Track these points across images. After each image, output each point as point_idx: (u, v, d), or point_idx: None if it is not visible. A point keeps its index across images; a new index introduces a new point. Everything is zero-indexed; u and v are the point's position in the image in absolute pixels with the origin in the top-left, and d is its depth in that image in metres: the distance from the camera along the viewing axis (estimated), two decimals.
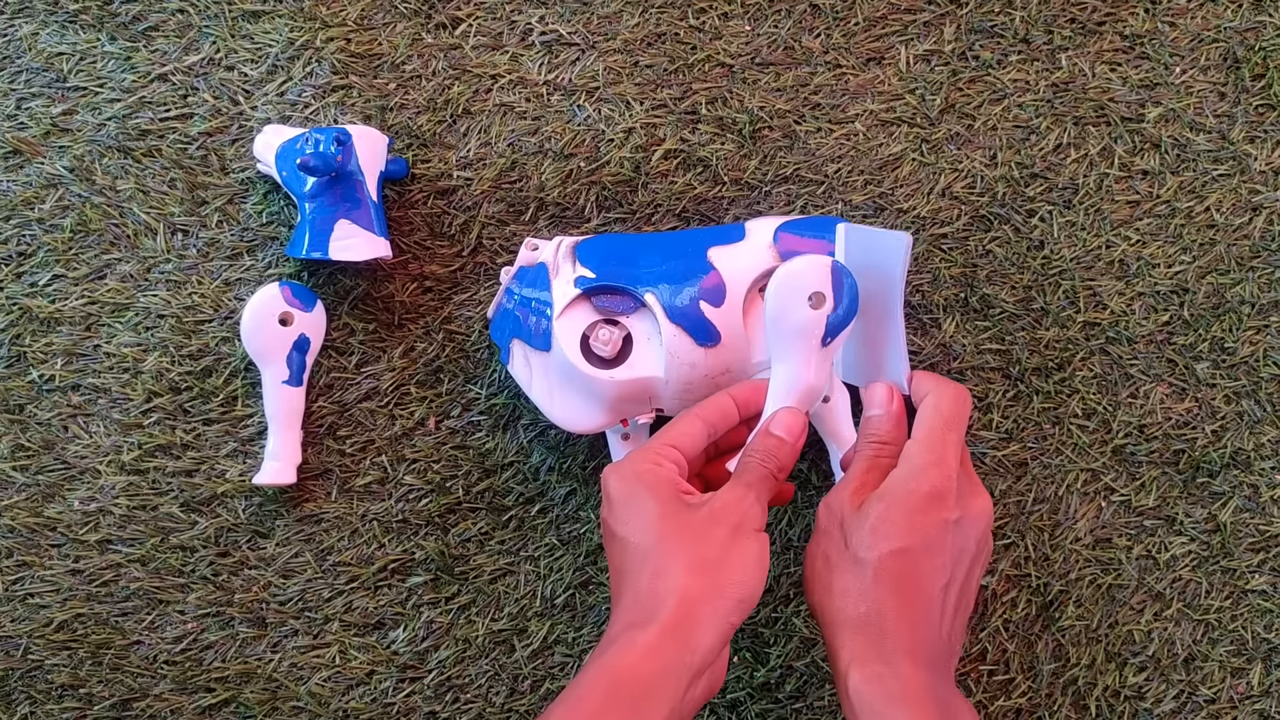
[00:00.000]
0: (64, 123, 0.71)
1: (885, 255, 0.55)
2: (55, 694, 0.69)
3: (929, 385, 0.56)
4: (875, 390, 0.57)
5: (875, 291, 0.56)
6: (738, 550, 0.51)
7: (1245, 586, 0.70)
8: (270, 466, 0.68)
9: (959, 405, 0.55)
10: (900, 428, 0.56)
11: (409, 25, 0.71)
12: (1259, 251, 0.71)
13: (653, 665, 0.48)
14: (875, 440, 0.56)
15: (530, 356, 0.64)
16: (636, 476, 0.54)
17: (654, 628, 0.49)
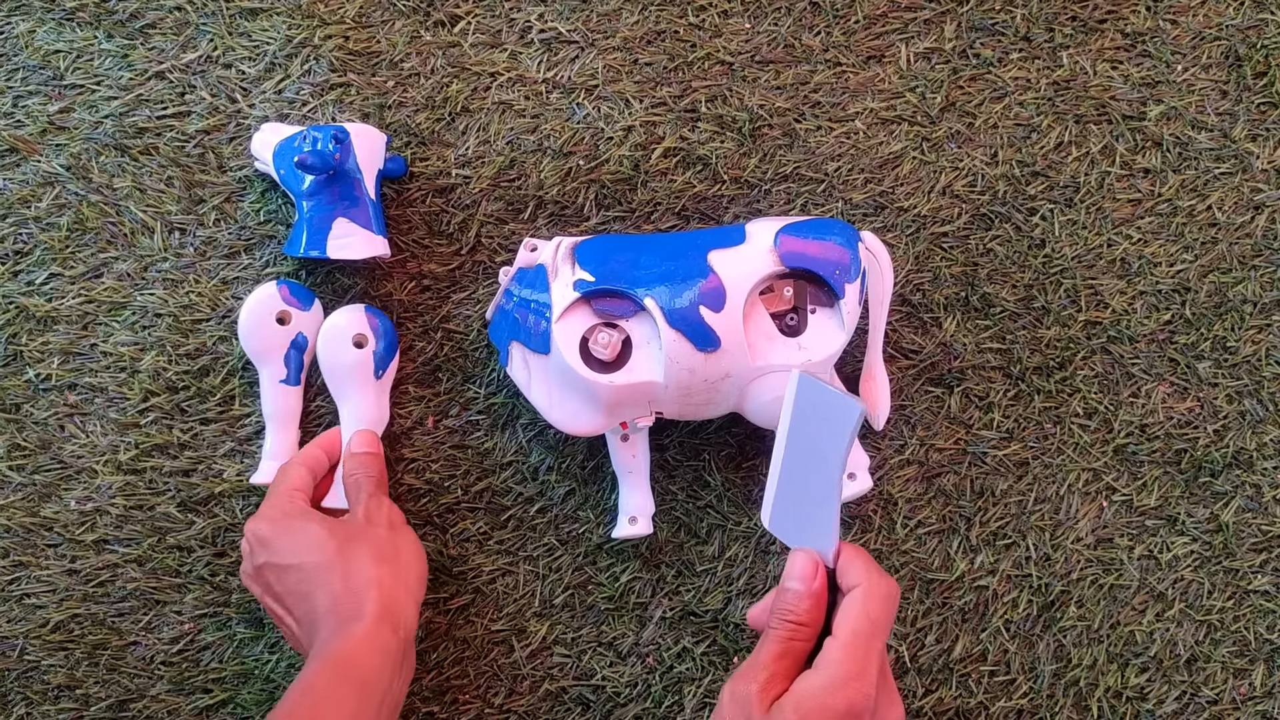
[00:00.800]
0: (61, 120, 0.70)
1: (835, 418, 0.50)
2: (51, 695, 0.68)
3: (859, 574, 0.50)
4: (796, 560, 0.51)
5: (818, 449, 0.51)
6: (403, 540, 0.62)
7: (1247, 587, 0.69)
8: (267, 466, 0.67)
9: (889, 608, 0.50)
10: (819, 608, 0.50)
11: (407, 23, 0.71)
12: (1261, 250, 0.71)
13: (371, 648, 0.55)
14: (791, 620, 0.50)
15: (529, 359, 0.63)
16: (284, 514, 0.62)
17: (365, 618, 0.56)
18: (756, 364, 0.61)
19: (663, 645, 0.69)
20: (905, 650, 0.69)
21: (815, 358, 0.61)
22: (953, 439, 0.70)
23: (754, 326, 0.61)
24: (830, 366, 0.62)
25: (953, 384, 0.70)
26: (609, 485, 0.69)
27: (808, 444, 0.51)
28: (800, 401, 0.51)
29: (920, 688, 0.68)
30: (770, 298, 0.61)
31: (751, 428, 0.69)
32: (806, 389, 0.51)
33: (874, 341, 0.64)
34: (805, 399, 0.51)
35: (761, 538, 0.69)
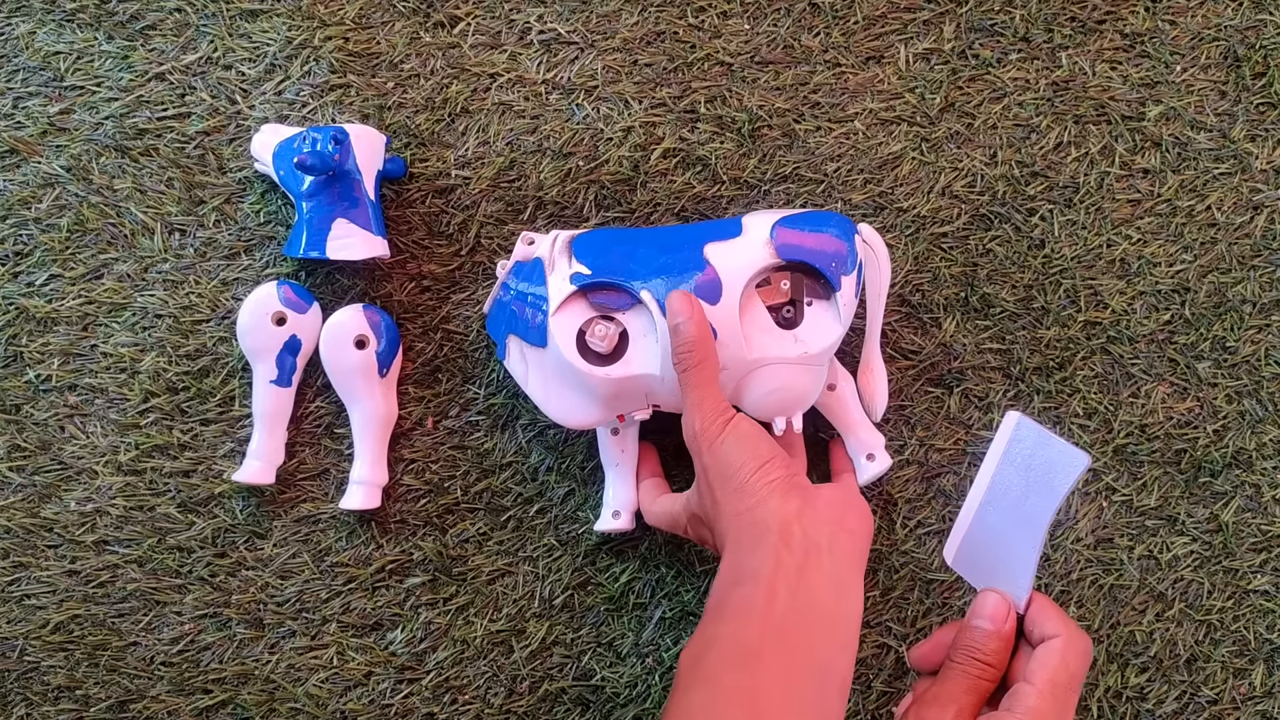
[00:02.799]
0: (61, 122, 0.70)
1: (1055, 467, 0.49)
2: (51, 695, 0.68)
3: (1058, 626, 0.49)
4: (988, 600, 0.50)
5: (1026, 495, 0.50)
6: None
7: (1247, 587, 0.69)
8: (251, 465, 0.67)
9: (1085, 664, 0.49)
10: (1006, 651, 0.50)
11: (407, 24, 0.71)
12: (1260, 250, 0.71)
13: None
14: (979, 659, 0.49)
15: (526, 352, 0.64)
16: None
17: None
18: (752, 356, 0.61)
19: (662, 646, 0.69)
20: (905, 651, 0.69)
21: (811, 350, 0.60)
22: (952, 439, 0.70)
23: (750, 319, 0.61)
24: (827, 359, 0.62)
25: (952, 384, 0.70)
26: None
27: (1015, 489, 0.50)
28: (1015, 445, 0.51)
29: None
30: (766, 290, 0.61)
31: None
32: (1025, 434, 0.50)
33: (871, 333, 0.65)
34: (1021, 443, 0.50)
35: None
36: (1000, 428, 0.51)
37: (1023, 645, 0.50)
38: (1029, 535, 0.50)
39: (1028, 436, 0.50)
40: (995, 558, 0.51)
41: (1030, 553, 0.49)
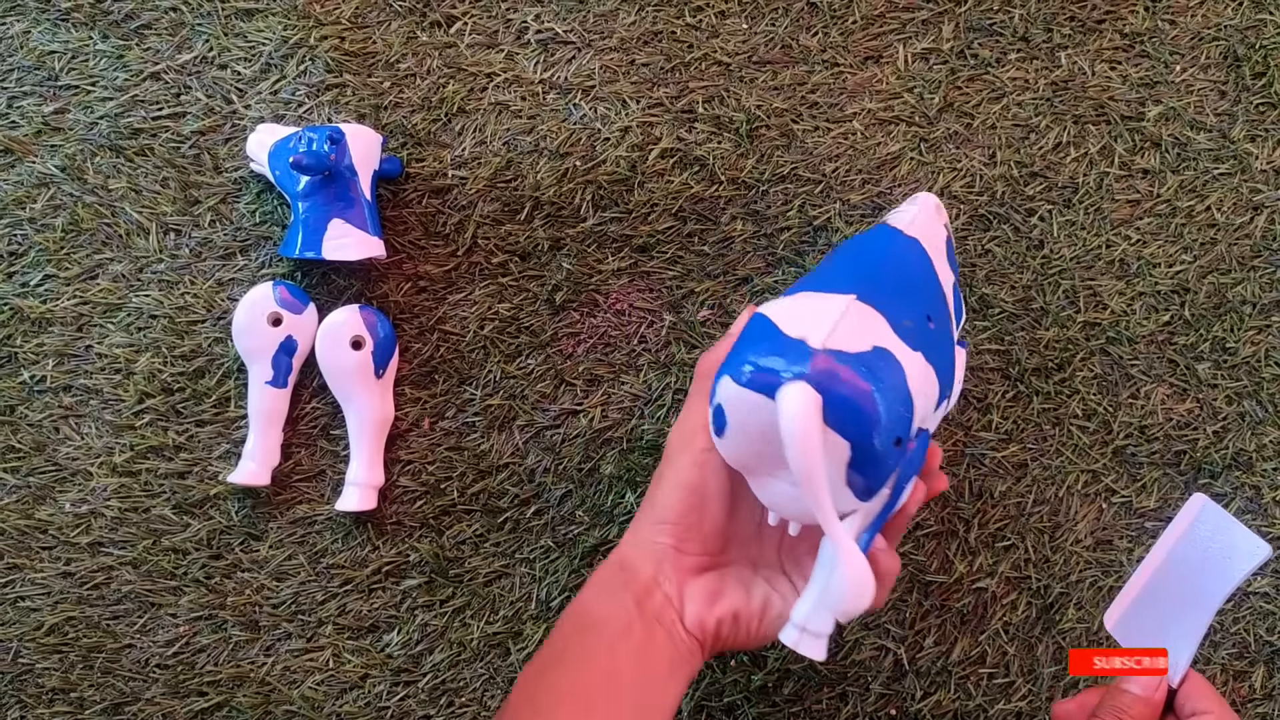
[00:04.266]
0: (56, 121, 0.70)
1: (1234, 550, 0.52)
2: (46, 698, 0.68)
3: (1212, 703, 0.50)
4: None
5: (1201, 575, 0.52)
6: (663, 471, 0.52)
7: (1247, 589, 0.69)
8: (245, 467, 0.67)
9: None
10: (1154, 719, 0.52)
11: (403, 23, 0.71)
12: (1260, 251, 0.70)
13: (590, 588, 0.52)
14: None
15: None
16: None
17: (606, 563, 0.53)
18: None
19: None
20: (904, 653, 0.68)
21: None
22: (951, 440, 0.69)
23: None
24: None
25: None
26: (605, 488, 0.69)
27: (1190, 567, 0.53)
28: (1199, 527, 0.53)
29: (919, 690, 0.68)
30: None
31: None
32: (1210, 516, 0.53)
33: None
34: (1205, 526, 0.53)
35: None
36: (1185, 507, 0.53)
37: (1170, 718, 0.51)
38: (1197, 614, 0.52)
39: (1212, 520, 0.53)
40: (1157, 630, 0.53)
41: (1195, 630, 0.52)
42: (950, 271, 0.54)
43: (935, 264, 0.53)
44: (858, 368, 0.43)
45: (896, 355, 0.45)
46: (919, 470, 0.48)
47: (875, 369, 0.44)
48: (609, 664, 0.50)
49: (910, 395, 0.45)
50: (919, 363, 0.46)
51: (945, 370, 0.49)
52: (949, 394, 0.51)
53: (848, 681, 0.68)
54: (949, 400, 0.51)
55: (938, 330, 0.49)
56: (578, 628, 0.52)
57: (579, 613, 0.52)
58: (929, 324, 0.49)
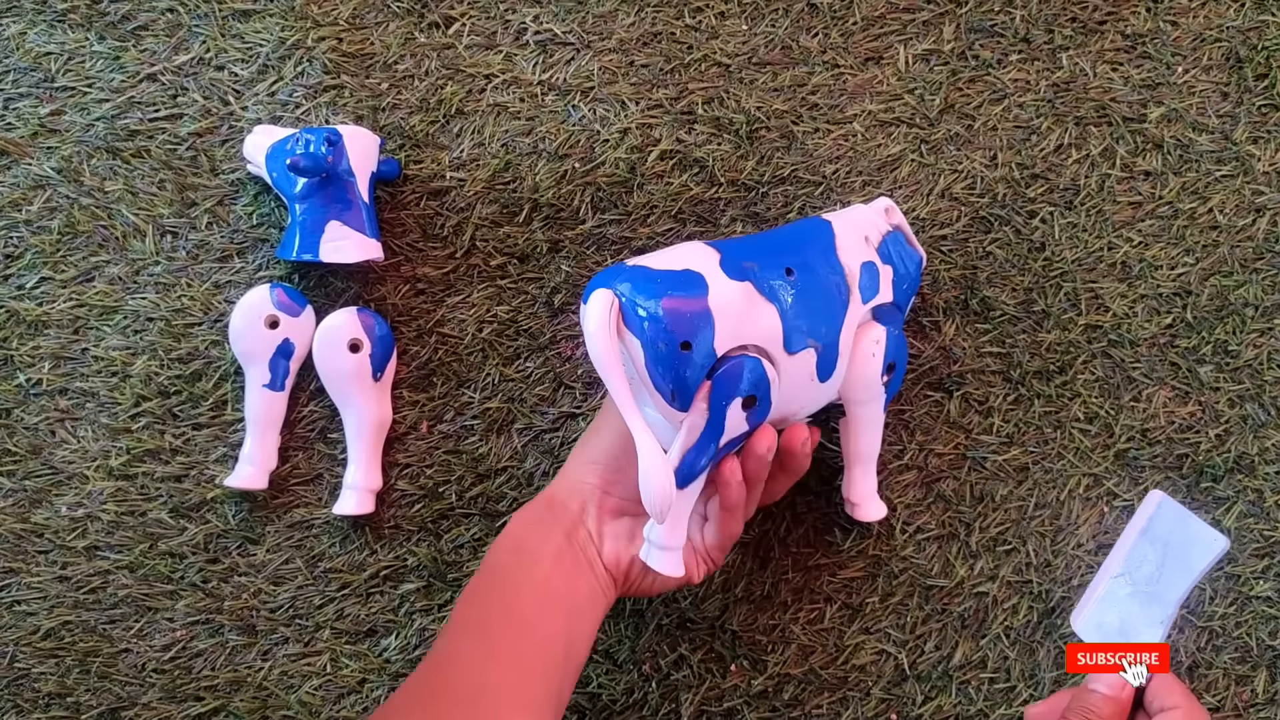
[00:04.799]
0: (52, 123, 0.70)
1: (1192, 545, 0.53)
2: (42, 703, 0.68)
3: (1179, 698, 0.51)
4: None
5: (1162, 569, 0.54)
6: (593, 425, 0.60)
7: (1249, 593, 0.69)
8: (243, 470, 0.67)
9: None
10: (1121, 718, 0.52)
11: (401, 24, 0.70)
12: (1262, 253, 0.70)
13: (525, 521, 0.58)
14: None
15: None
16: None
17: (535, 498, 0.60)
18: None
19: (659, 652, 0.68)
20: (904, 657, 0.68)
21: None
22: (952, 444, 0.69)
23: None
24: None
25: (952, 388, 0.69)
26: None
27: (1150, 565, 0.54)
28: (1156, 524, 0.55)
29: (920, 695, 0.68)
30: None
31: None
32: (1167, 512, 0.54)
33: None
34: (1162, 523, 0.54)
35: (760, 544, 0.69)
36: (1143, 505, 0.55)
37: (1140, 715, 0.52)
38: (1159, 610, 0.53)
39: (1169, 516, 0.54)
40: (1122, 628, 0.54)
41: (1157, 626, 0.53)
42: (871, 255, 0.60)
43: (838, 240, 0.59)
44: (652, 278, 0.53)
45: (706, 277, 0.53)
46: (735, 397, 0.53)
47: (672, 281, 0.53)
48: (544, 588, 0.56)
49: (708, 310, 0.52)
50: (737, 289, 0.54)
51: (804, 316, 0.56)
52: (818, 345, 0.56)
53: (848, 686, 0.68)
54: (840, 362, 0.57)
55: (799, 281, 0.56)
56: (513, 554, 0.57)
57: (513, 543, 0.58)
58: (787, 275, 0.56)
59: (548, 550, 0.57)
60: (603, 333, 0.52)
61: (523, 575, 0.56)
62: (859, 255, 0.59)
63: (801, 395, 0.57)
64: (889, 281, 0.60)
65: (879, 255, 0.61)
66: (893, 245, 0.62)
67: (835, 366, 0.57)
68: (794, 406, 0.58)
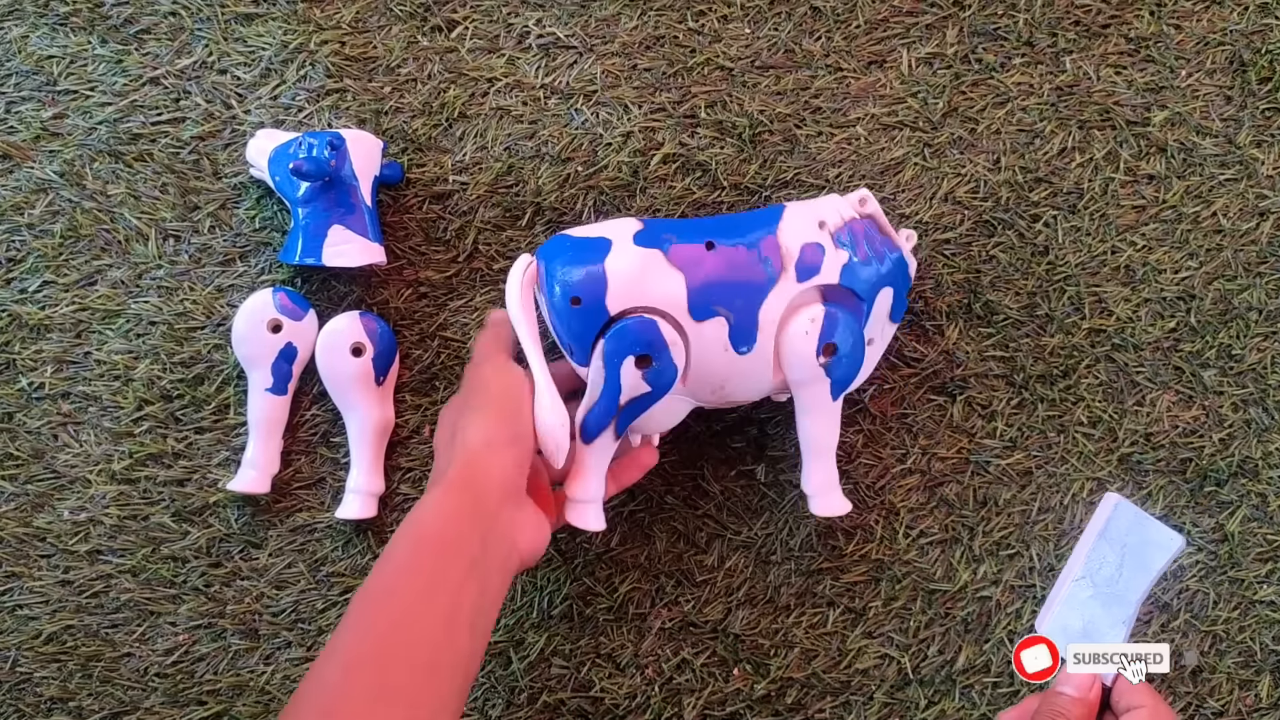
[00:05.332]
0: (54, 127, 0.70)
1: (1149, 545, 0.55)
2: (44, 707, 0.68)
3: (1144, 697, 0.52)
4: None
5: (1121, 570, 0.55)
6: (498, 394, 0.57)
7: (1253, 597, 0.68)
8: (246, 474, 0.67)
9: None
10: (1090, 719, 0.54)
11: (404, 28, 0.70)
12: (1266, 257, 0.70)
13: (442, 510, 0.53)
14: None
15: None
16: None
17: (442, 482, 0.54)
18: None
19: (662, 656, 0.68)
20: (907, 662, 0.68)
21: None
22: (955, 448, 0.69)
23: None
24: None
25: (955, 392, 0.69)
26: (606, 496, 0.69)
27: (1109, 566, 0.55)
28: (1113, 525, 0.56)
29: (923, 699, 0.68)
30: None
31: (751, 436, 0.69)
32: (1123, 514, 0.55)
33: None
34: (1119, 524, 0.55)
35: (762, 548, 0.69)
36: (1099, 508, 0.56)
37: (1108, 715, 0.53)
38: (1120, 610, 0.54)
39: (1125, 517, 0.55)
40: (1086, 630, 0.55)
41: (1120, 626, 0.54)
42: (820, 238, 0.61)
43: (782, 222, 0.61)
44: (565, 245, 0.60)
45: (613, 243, 0.59)
46: (627, 354, 0.58)
47: (580, 246, 0.59)
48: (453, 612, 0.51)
49: (602, 270, 0.58)
50: (638, 255, 0.59)
51: (715, 287, 0.59)
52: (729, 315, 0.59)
53: (851, 690, 0.68)
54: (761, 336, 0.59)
55: (716, 253, 0.59)
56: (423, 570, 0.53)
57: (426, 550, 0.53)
58: (707, 248, 0.59)
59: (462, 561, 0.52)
60: (513, 291, 0.59)
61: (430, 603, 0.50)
62: (802, 237, 0.60)
63: (721, 366, 0.60)
64: (837, 265, 0.61)
65: (834, 240, 0.61)
66: (858, 233, 0.62)
67: (754, 339, 0.59)
68: (718, 378, 0.61)
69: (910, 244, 0.65)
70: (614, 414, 0.60)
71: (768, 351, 0.60)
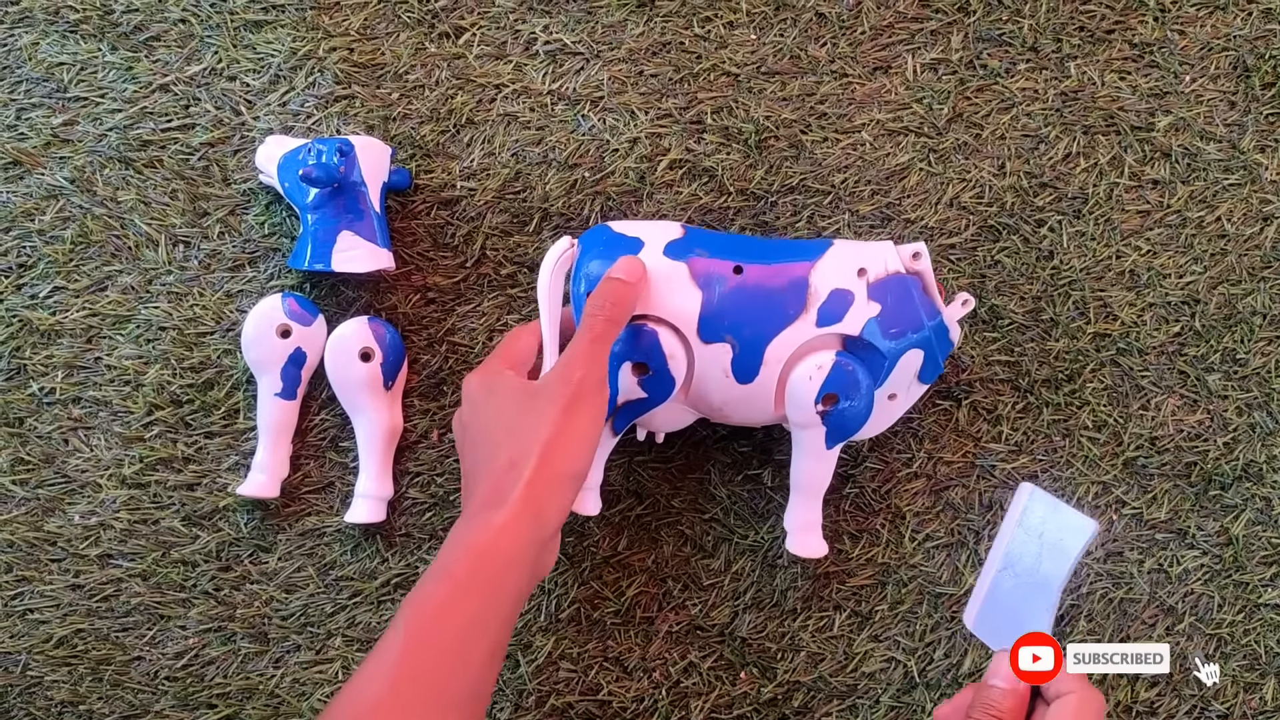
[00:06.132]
0: (65, 133, 0.70)
1: (1065, 532, 0.54)
2: (55, 711, 0.68)
3: (1072, 684, 0.51)
4: (1004, 661, 0.53)
5: (1041, 558, 0.55)
6: (581, 413, 0.55)
7: (1258, 600, 0.69)
8: (255, 479, 0.67)
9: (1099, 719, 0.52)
10: (1022, 709, 0.52)
11: (412, 35, 0.71)
12: (1270, 262, 0.70)
13: (508, 542, 0.53)
14: (995, 715, 0.52)
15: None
16: (489, 369, 0.59)
17: (509, 505, 0.53)
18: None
19: (669, 660, 0.69)
20: (913, 665, 0.68)
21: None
22: (961, 452, 0.69)
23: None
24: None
25: (961, 396, 0.69)
26: (615, 498, 0.69)
27: (1029, 555, 0.55)
28: (1028, 515, 0.55)
29: (929, 702, 0.68)
30: None
31: (757, 440, 0.69)
32: (1038, 503, 0.55)
33: None
34: (1034, 512, 0.55)
35: (769, 551, 0.69)
36: (1014, 498, 0.55)
37: (1039, 703, 0.52)
38: (1043, 598, 0.54)
39: (1040, 505, 0.55)
40: (1012, 620, 0.55)
41: (1045, 614, 0.53)
42: (854, 285, 0.60)
43: (821, 261, 0.60)
44: (601, 239, 0.61)
45: (645, 247, 0.60)
46: (625, 359, 0.60)
47: (614, 244, 0.60)
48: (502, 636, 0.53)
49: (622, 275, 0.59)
50: (663, 266, 0.60)
51: (730, 312, 0.60)
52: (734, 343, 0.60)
53: (857, 694, 0.68)
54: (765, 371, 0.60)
55: (742, 279, 0.60)
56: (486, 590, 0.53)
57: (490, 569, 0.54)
58: (733, 271, 0.60)
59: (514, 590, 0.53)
60: (547, 269, 0.60)
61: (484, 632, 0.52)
62: (834, 281, 0.60)
63: (720, 390, 0.61)
64: (863, 318, 0.60)
65: (869, 291, 0.60)
66: (899, 291, 0.60)
67: (756, 373, 0.60)
68: (717, 399, 0.62)
69: (965, 309, 0.62)
70: (611, 413, 0.61)
71: (770, 386, 0.61)
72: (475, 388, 0.58)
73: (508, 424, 0.55)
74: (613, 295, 0.58)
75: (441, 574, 0.52)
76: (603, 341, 0.57)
